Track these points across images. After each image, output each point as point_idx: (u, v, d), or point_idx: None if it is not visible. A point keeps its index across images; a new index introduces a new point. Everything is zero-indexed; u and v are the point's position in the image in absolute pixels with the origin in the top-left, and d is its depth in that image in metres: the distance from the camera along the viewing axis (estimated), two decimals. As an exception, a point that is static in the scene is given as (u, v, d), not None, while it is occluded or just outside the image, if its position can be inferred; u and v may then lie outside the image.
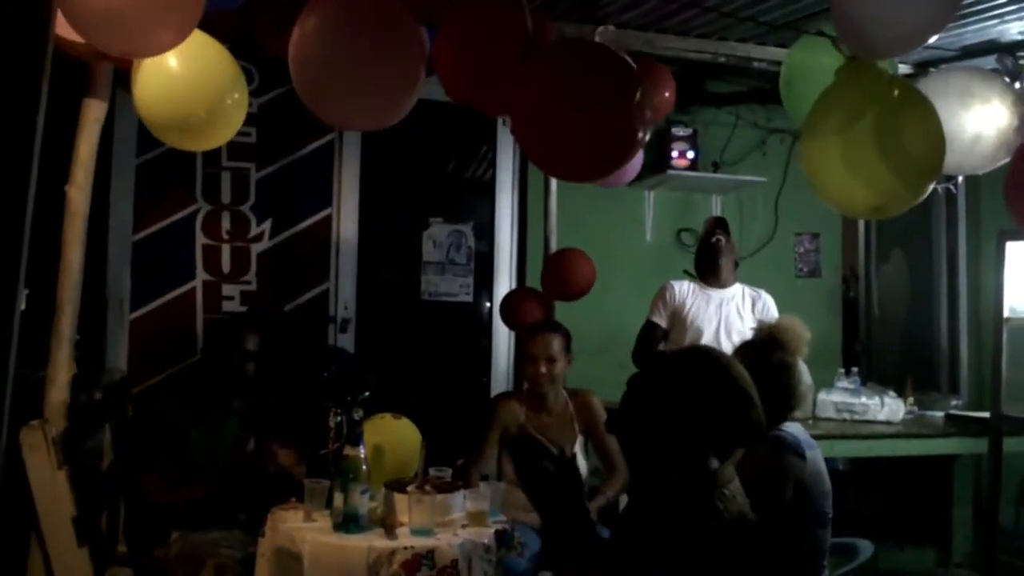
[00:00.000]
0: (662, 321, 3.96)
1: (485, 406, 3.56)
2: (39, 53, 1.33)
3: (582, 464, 3.37)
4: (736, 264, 4.15)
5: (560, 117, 2.12)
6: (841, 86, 2.32)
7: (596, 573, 1.88)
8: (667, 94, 3.48)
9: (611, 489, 3.37)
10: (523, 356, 3.49)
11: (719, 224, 4.12)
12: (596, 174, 2.51)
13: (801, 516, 2.42)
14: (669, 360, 2.03)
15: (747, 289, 4.07)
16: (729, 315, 3.94)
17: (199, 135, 2.60)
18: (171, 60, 2.34)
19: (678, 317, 3.95)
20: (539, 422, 3.43)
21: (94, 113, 2.95)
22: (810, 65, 2.71)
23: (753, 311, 3.95)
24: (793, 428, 2.55)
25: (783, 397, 2.45)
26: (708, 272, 4.03)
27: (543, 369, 3.38)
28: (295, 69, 2.26)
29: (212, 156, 4.47)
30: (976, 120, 2.62)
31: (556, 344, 3.41)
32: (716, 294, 3.98)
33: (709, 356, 1.90)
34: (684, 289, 4.02)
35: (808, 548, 2.46)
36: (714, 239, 4.03)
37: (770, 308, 3.97)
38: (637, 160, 4.02)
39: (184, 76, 2.39)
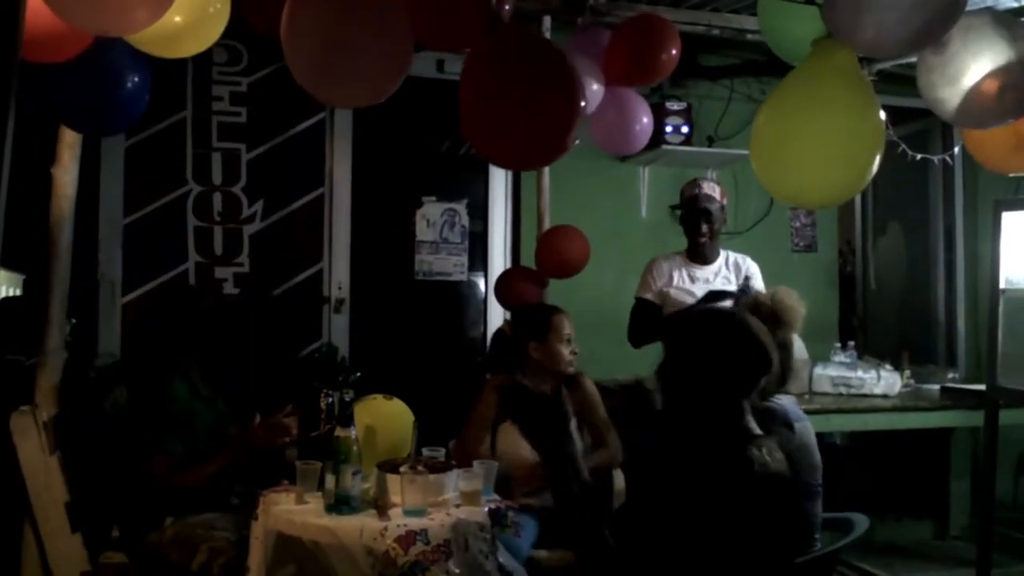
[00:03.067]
0: (652, 297, 3.90)
1: (478, 387, 3.52)
2: (10, 29, 1.30)
3: (577, 443, 3.33)
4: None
5: (496, 106, 2.14)
6: (808, 75, 2.28)
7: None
8: (673, 51, 3.42)
9: (592, 462, 3.24)
10: (549, 338, 3.34)
11: (702, 212, 3.82)
12: (524, 163, 2.55)
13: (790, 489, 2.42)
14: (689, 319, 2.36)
15: (731, 256, 3.94)
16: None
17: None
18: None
19: (664, 294, 3.88)
20: None
21: (78, 93, 2.92)
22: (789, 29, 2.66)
23: (737, 280, 3.88)
24: (784, 400, 2.55)
25: (778, 373, 2.43)
26: (692, 252, 3.94)
27: (567, 348, 3.35)
28: (287, 47, 2.22)
29: (202, 137, 4.46)
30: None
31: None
32: (701, 271, 3.91)
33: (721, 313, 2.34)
34: (669, 265, 3.94)
35: (797, 521, 2.45)
36: (700, 238, 3.84)
37: (754, 275, 3.90)
38: (647, 130, 3.95)
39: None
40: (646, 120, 3.85)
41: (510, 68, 2.22)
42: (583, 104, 2.32)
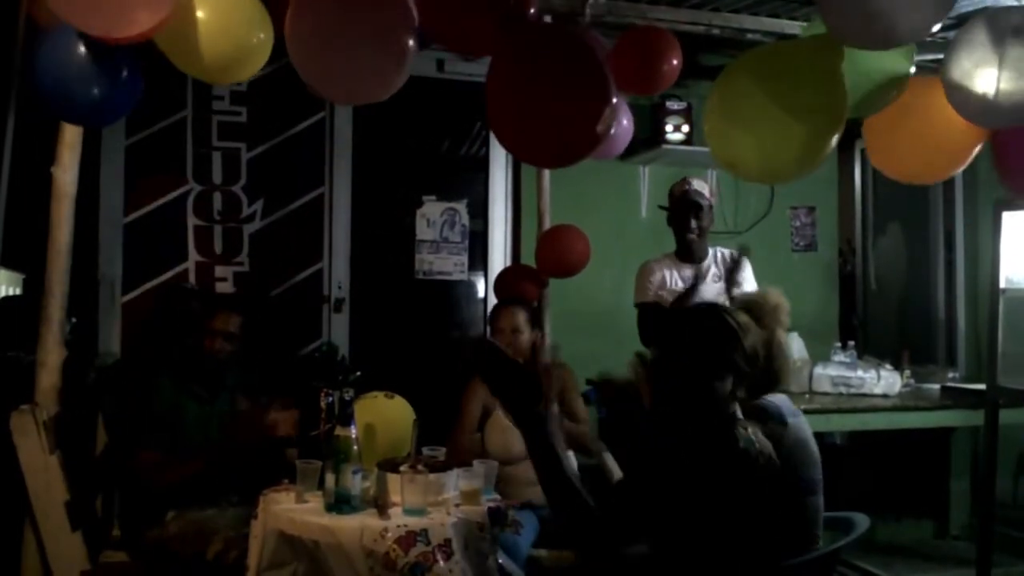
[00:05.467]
0: (650, 299, 3.90)
1: (465, 381, 3.58)
2: (10, 29, 1.30)
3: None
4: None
5: (524, 103, 2.13)
6: (793, 53, 2.28)
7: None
8: (675, 62, 3.43)
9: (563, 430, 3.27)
10: (493, 330, 3.62)
11: (692, 206, 3.87)
12: (554, 162, 2.53)
13: (785, 483, 2.41)
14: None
15: (720, 252, 3.95)
16: (705, 289, 3.86)
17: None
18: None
19: (659, 298, 3.88)
20: None
21: (78, 93, 2.92)
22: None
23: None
24: (776, 399, 2.54)
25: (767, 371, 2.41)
26: (681, 251, 3.94)
27: (509, 340, 3.48)
28: (291, 44, 2.23)
29: (202, 136, 4.46)
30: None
31: (520, 317, 3.56)
32: (691, 270, 3.90)
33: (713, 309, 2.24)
34: (661, 268, 3.93)
35: (798, 516, 2.44)
36: (689, 234, 3.87)
37: (744, 268, 3.88)
38: (627, 133, 3.95)
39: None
40: (625, 123, 3.83)
41: (536, 66, 2.22)
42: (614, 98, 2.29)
